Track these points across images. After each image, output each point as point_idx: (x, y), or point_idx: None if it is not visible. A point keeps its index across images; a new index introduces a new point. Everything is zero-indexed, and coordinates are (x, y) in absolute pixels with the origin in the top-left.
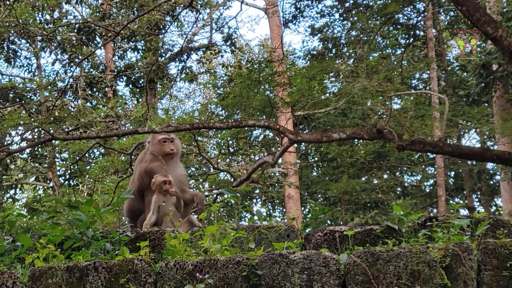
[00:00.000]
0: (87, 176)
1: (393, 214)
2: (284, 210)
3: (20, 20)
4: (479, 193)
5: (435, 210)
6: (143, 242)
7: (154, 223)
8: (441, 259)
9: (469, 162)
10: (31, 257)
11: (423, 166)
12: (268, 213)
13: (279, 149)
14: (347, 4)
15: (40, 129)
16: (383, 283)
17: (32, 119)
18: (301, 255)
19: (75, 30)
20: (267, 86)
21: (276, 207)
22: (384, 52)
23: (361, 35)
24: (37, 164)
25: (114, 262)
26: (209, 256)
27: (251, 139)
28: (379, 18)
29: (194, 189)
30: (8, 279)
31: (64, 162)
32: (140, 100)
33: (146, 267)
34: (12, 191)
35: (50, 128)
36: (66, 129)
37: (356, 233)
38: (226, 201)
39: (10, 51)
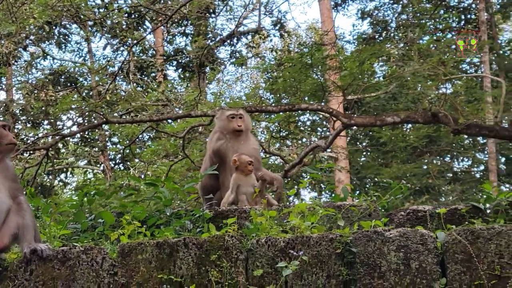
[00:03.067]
0: (137, 160)
1: (476, 195)
2: (333, 195)
3: (72, 5)
4: None
5: (484, 197)
6: (230, 219)
7: (232, 202)
8: None
9: None
10: (116, 233)
11: (473, 152)
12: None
13: (328, 133)
14: None
15: (91, 113)
16: (484, 262)
17: (85, 103)
18: (397, 233)
19: (126, 15)
20: (317, 70)
21: (324, 192)
22: (435, 35)
23: (412, 19)
24: (87, 148)
25: (205, 239)
26: (296, 233)
27: (299, 124)
28: (429, 1)
29: None
30: (98, 254)
31: (115, 146)
32: (189, 84)
33: (237, 243)
34: (62, 175)
35: (102, 112)
36: (118, 113)
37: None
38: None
39: (61, 35)
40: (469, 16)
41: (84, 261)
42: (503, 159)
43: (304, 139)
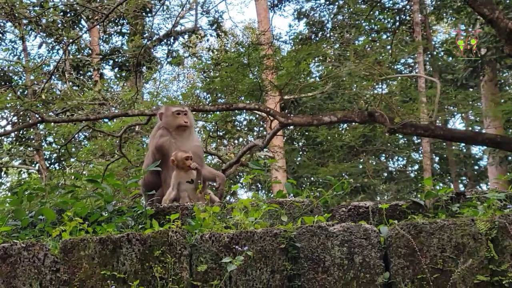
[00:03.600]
0: (72, 159)
1: (410, 194)
2: (271, 194)
3: (7, 3)
4: (464, 178)
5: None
6: (174, 215)
7: (174, 199)
8: (486, 232)
9: (454, 147)
10: (58, 230)
11: (407, 152)
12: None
13: (265, 132)
14: None
15: (26, 112)
16: (427, 256)
17: (20, 102)
18: (341, 227)
19: (61, 13)
20: (254, 70)
21: (261, 191)
22: (370, 36)
23: (347, 19)
24: (21, 148)
25: (148, 234)
26: (240, 229)
27: (236, 123)
28: (365, 2)
29: None
30: (40, 251)
31: (50, 146)
32: (125, 83)
33: (181, 239)
34: None
35: (37, 111)
36: (53, 112)
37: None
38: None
39: None
40: (404, 17)
41: (26, 258)
42: (437, 159)
43: (241, 139)
